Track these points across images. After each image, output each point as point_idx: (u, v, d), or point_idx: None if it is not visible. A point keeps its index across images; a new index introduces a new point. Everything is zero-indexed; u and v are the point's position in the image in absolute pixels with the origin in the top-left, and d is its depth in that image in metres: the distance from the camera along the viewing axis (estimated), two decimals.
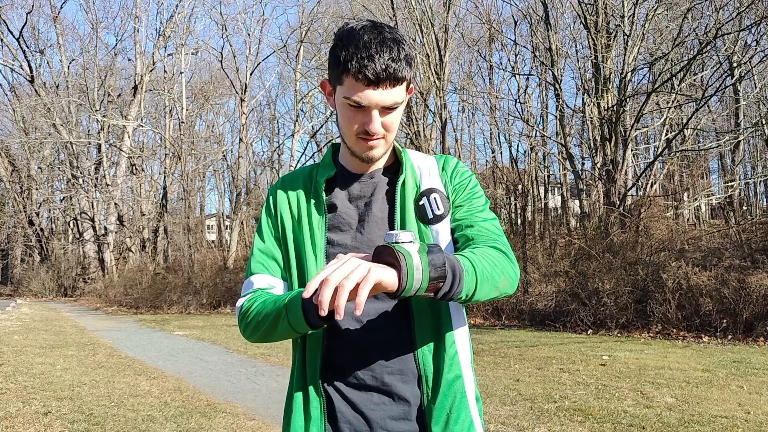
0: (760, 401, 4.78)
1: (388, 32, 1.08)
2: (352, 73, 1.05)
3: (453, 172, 1.22)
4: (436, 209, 1.17)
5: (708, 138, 17.64)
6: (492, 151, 25.74)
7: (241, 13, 25.14)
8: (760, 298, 8.23)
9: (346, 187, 1.21)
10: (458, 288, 0.96)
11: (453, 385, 1.11)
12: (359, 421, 1.10)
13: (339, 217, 1.18)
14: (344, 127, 1.14)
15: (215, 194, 55.61)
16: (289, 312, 1.03)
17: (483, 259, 1.03)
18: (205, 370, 7.06)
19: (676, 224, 13.24)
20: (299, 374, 1.15)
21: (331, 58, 1.11)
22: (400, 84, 1.08)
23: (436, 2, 17.55)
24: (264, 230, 1.23)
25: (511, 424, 4.32)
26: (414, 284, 0.91)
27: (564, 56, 17.53)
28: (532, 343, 8.48)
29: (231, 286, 17.85)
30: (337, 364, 1.13)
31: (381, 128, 1.10)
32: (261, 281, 1.19)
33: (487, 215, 1.19)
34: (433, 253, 0.94)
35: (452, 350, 1.13)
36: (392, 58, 1.05)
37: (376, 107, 1.08)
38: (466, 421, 1.11)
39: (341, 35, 1.09)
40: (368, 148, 1.13)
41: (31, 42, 29.34)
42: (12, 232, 34.77)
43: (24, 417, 4.71)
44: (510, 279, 1.08)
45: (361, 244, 1.15)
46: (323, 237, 1.16)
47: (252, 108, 29.90)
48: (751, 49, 12.47)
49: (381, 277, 0.89)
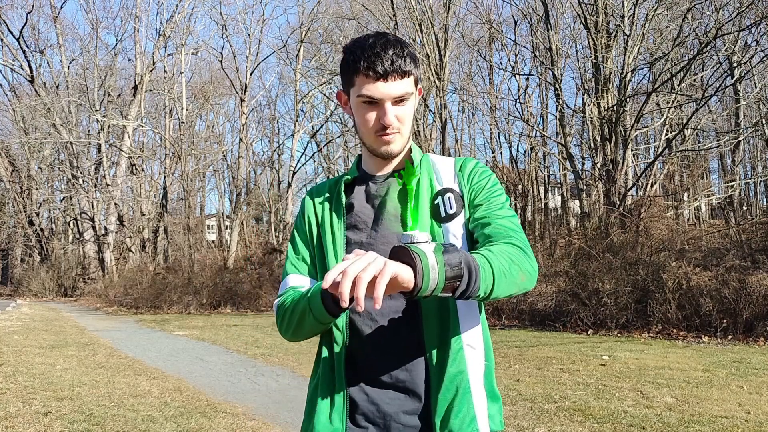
0: (760, 401, 4.78)
1: (391, 36, 1.19)
2: (362, 71, 1.14)
3: (471, 172, 1.27)
4: (449, 208, 1.22)
5: (708, 138, 17.65)
6: (492, 151, 25.77)
7: (241, 13, 25.24)
8: (760, 298, 8.22)
9: (364, 188, 1.29)
10: (475, 286, 0.97)
11: (455, 379, 1.14)
12: (375, 414, 1.17)
13: (356, 217, 1.26)
14: (362, 126, 1.21)
15: (215, 194, 55.67)
16: (311, 304, 1.11)
17: (499, 255, 1.05)
18: (205, 370, 7.06)
19: (676, 224, 13.24)
20: (326, 371, 1.21)
21: (342, 67, 1.21)
22: (408, 77, 1.17)
23: (436, 2, 17.56)
24: (296, 235, 1.34)
25: (511, 424, 4.32)
26: (430, 284, 0.92)
27: (564, 56, 17.54)
28: (532, 343, 8.48)
29: (231, 286, 17.85)
30: (358, 363, 1.19)
31: (395, 120, 1.18)
32: (294, 281, 1.28)
33: (506, 212, 1.21)
34: (448, 252, 0.95)
35: (457, 346, 1.16)
36: (396, 54, 1.14)
37: (389, 98, 1.16)
38: (467, 416, 1.13)
39: (348, 46, 1.20)
40: (386, 143, 1.21)
41: (31, 42, 29.38)
42: (12, 232, 34.78)
43: (24, 417, 4.71)
44: (528, 274, 1.10)
45: (376, 241, 1.22)
46: (343, 236, 1.24)
47: (252, 108, 29.95)
48: (751, 49, 12.47)
49: (397, 271, 0.90)
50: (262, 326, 12.02)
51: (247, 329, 11.62)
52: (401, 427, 1.15)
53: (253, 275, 18.30)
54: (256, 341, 9.62)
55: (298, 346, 8.40)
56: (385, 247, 1.19)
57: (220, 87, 30.20)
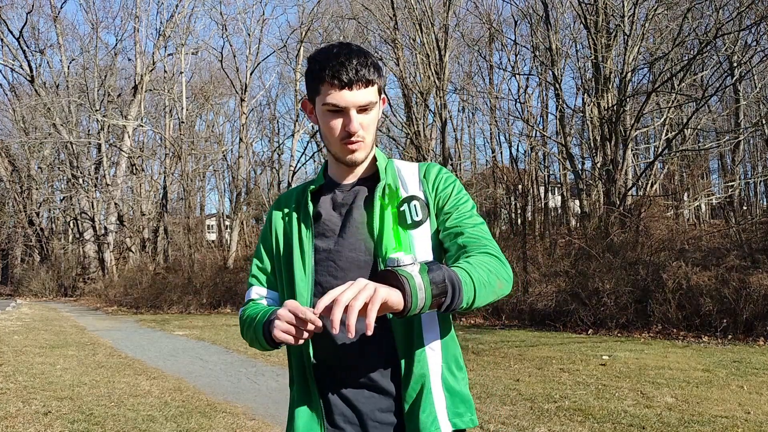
0: (761, 401, 4.78)
1: (355, 46, 1.21)
2: (327, 79, 1.16)
3: (436, 179, 1.30)
4: (415, 215, 1.25)
5: (708, 138, 17.64)
6: (492, 151, 25.74)
7: (241, 13, 25.19)
8: (761, 298, 8.22)
9: (331, 196, 1.31)
10: (459, 300, 1.03)
11: (420, 379, 1.19)
12: (351, 413, 1.21)
13: (323, 225, 1.28)
14: (327, 134, 1.23)
15: (215, 194, 55.72)
16: (256, 333, 1.19)
17: (478, 267, 1.11)
18: (205, 370, 7.06)
19: (676, 224, 13.24)
20: (298, 374, 1.26)
21: (307, 76, 1.23)
22: (372, 86, 1.19)
23: (436, 2, 17.53)
24: (260, 246, 1.37)
25: (511, 424, 4.32)
26: (418, 303, 0.98)
27: (564, 56, 17.51)
28: (532, 343, 8.48)
29: (231, 286, 17.85)
30: (329, 364, 1.23)
31: (360, 128, 1.20)
32: (255, 293, 1.34)
33: (476, 220, 1.26)
34: (432, 271, 1.01)
35: (421, 349, 1.20)
36: (360, 63, 1.17)
37: (354, 107, 1.18)
38: (430, 416, 1.18)
39: (313, 55, 1.22)
40: (351, 151, 1.22)
41: (31, 42, 29.34)
42: (12, 232, 34.76)
43: (24, 417, 4.71)
44: (505, 281, 1.16)
45: (343, 248, 1.24)
46: (311, 245, 1.26)
47: (252, 108, 29.94)
48: (751, 49, 12.46)
49: (387, 296, 0.96)
50: None
51: None
52: (377, 424, 1.20)
53: None
54: None
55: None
56: (352, 254, 1.23)
57: (220, 87, 30.20)
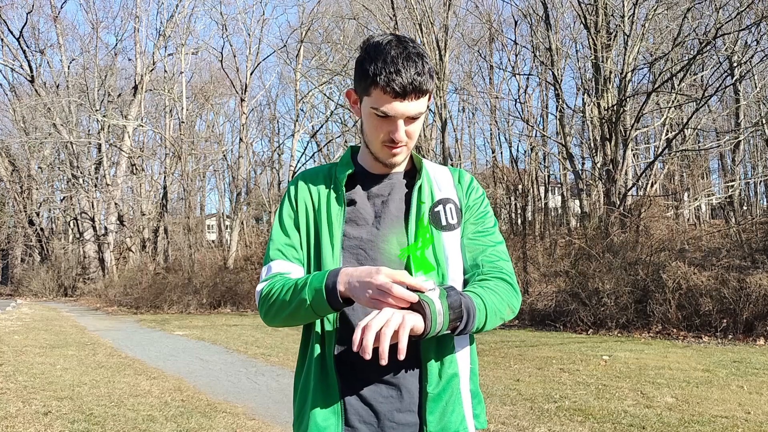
0: (760, 401, 4.78)
1: (412, 47, 1.15)
2: (381, 86, 1.12)
3: (468, 188, 1.31)
4: (450, 218, 1.25)
5: (708, 138, 17.65)
6: (492, 151, 25.70)
7: (241, 13, 25.06)
8: (760, 298, 8.22)
9: (365, 185, 1.28)
10: (471, 325, 1.09)
11: (452, 380, 1.19)
12: (368, 413, 1.18)
13: (357, 212, 1.25)
14: (370, 134, 1.21)
15: (215, 194, 55.66)
16: (313, 299, 1.10)
17: (492, 293, 1.15)
18: (205, 370, 7.06)
19: (676, 224, 13.25)
20: (318, 372, 1.20)
21: (358, 70, 1.17)
22: (424, 96, 1.16)
23: (436, 2, 17.53)
24: (284, 218, 1.28)
25: (511, 424, 4.32)
26: (437, 327, 1.03)
27: (564, 56, 17.52)
28: (532, 343, 8.48)
29: (231, 285, 17.85)
30: (349, 360, 1.18)
31: (405, 136, 1.18)
32: (279, 267, 1.23)
33: (497, 238, 1.28)
34: (451, 297, 1.06)
35: (451, 348, 1.20)
36: (418, 72, 1.12)
37: (402, 117, 1.15)
38: (459, 416, 1.18)
39: (368, 49, 1.16)
40: (392, 155, 1.22)
41: (32, 42, 29.32)
42: (12, 232, 34.73)
43: (24, 417, 4.71)
44: (513, 309, 1.21)
45: (376, 239, 1.22)
46: (341, 228, 1.22)
47: (252, 108, 29.93)
48: (751, 49, 12.47)
49: (414, 324, 1.01)
50: (262, 326, 12.01)
51: (247, 329, 11.62)
52: (395, 425, 1.17)
53: (253, 275, 18.30)
54: (256, 341, 9.61)
55: (298, 346, 8.39)
56: (384, 245, 1.21)
57: (220, 87, 30.17)
